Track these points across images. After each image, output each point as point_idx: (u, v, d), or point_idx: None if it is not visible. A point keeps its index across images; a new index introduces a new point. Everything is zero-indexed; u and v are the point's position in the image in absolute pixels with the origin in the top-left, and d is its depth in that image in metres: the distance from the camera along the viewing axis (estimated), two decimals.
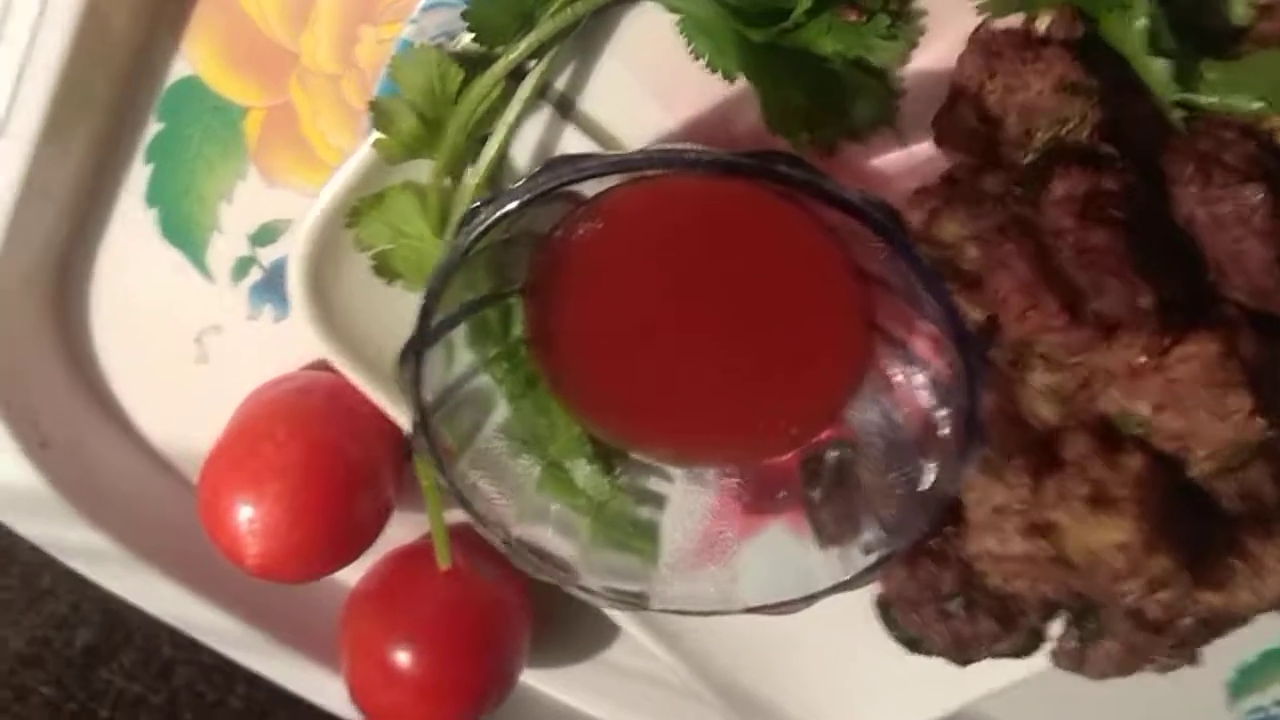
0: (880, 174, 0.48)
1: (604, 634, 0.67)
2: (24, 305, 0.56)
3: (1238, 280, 0.39)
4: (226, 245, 0.56)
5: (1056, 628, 0.52)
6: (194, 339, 0.59)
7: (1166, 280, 0.39)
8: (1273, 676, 0.66)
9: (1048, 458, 0.42)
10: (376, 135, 0.46)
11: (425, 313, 0.44)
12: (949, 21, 0.45)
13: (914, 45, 0.45)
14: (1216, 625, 0.47)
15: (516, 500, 0.51)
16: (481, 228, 0.42)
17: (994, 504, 0.44)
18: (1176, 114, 0.40)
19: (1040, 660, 0.58)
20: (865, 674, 0.62)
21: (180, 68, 0.52)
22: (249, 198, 0.55)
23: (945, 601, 0.48)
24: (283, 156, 0.53)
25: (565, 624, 0.67)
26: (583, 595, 0.51)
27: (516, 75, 0.46)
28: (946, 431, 0.45)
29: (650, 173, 0.43)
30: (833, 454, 0.52)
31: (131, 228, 0.56)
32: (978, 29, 0.44)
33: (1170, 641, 0.48)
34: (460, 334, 0.49)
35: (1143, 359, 0.39)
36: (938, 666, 0.60)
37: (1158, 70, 0.40)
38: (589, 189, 0.45)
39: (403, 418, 0.53)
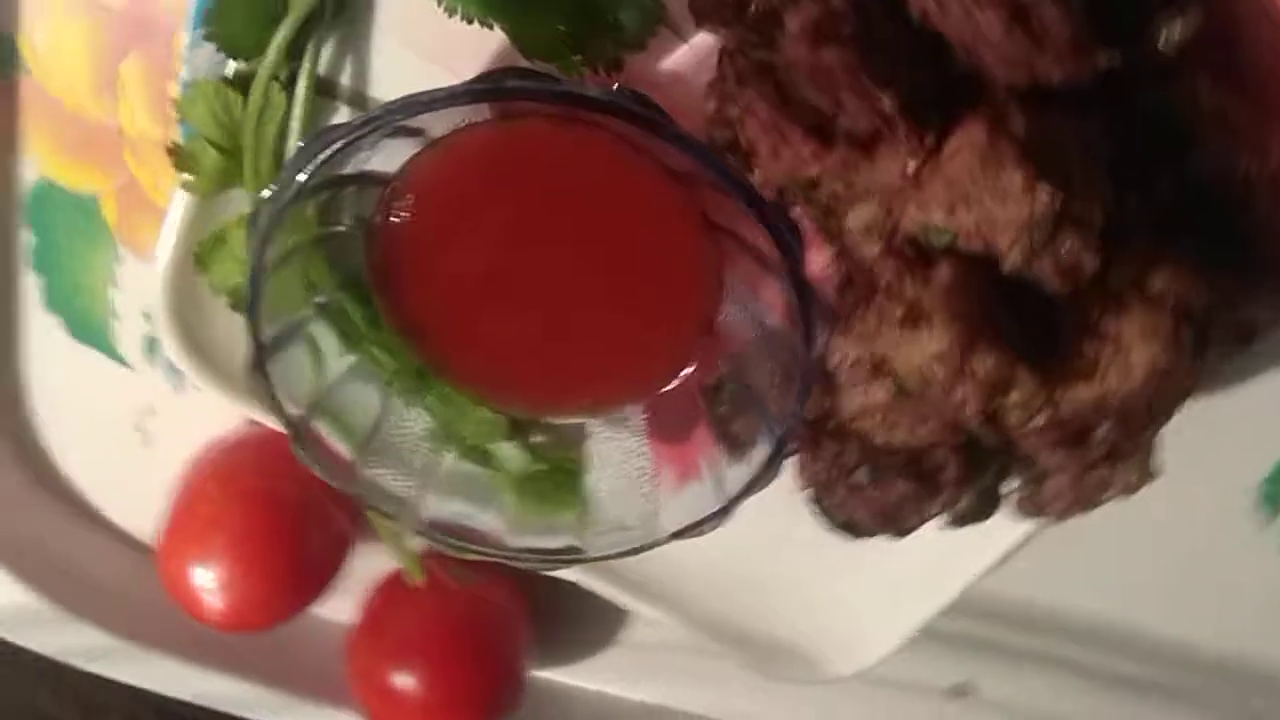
0: (674, 76, 0.48)
1: (612, 615, 0.67)
2: None
3: (988, 58, 0.38)
4: (129, 329, 0.58)
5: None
6: (133, 426, 0.61)
7: (913, 81, 0.38)
8: None
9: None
10: (183, 178, 0.48)
11: (252, 326, 0.45)
12: None
13: None
14: (1129, 424, 0.45)
15: (428, 486, 0.51)
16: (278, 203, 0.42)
17: (849, 361, 0.43)
18: None
19: (1029, 524, 0.56)
20: (858, 587, 0.61)
21: (30, 174, 0.55)
22: (131, 278, 0.57)
23: (852, 475, 0.47)
24: (144, 229, 0.55)
25: (573, 615, 0.67)
26: (514, 563, 0.51)
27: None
28: (790, 305, 0.45)
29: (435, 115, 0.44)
30: (725, 367, 0.51)
31: (43, 336, 0.59)
32: None
33: (1097, 456, 0.46)
34: (325, 336, 0.50)
35: (912, 164, 0.38)
36: (927, 558, 0.59)
37: None
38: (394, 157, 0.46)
39: None
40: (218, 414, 0.60)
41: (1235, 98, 0.43)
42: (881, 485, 0.47)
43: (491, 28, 0.46)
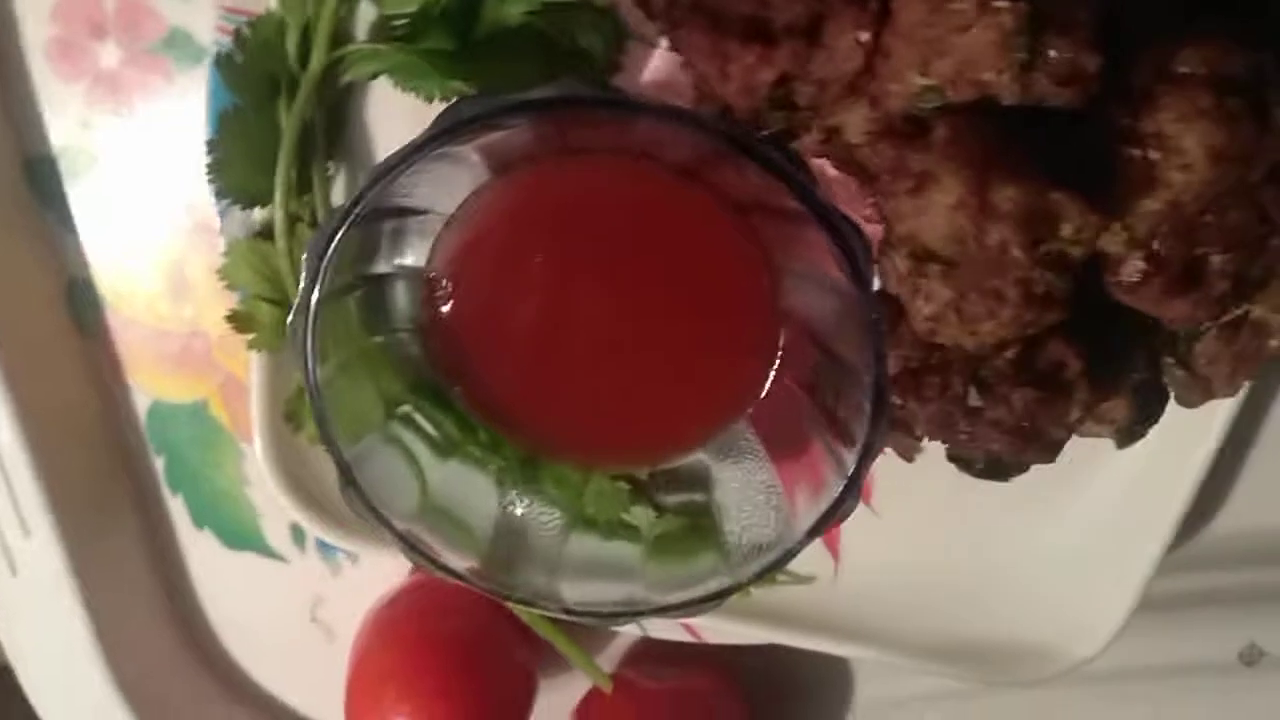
0: (660, 84, 0.48)
1: (834, 674, 0.62)
2: (161, 651, 0.61)
3: None
4: (275, 522, 0.60)
5: None
6: (310, 620, 0.62)
7: None
8: None
9: None
10: (247, 338, 0.50)
11: (329, 446, 0.45)
12: None
13: None
14: (1241, 240, 0.40)
15: (561, 570, 0.50)
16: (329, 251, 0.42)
17: (896, 272, 0.40)
18: None
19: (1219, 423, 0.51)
20: (1065, 558, 0.55)
21: (142, 401, 0.58)
22: (259, 471, 0.59)
23: (967, 402, 0.43)
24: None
25: (792, 684, 0.63)
26: (665, 616, 0.48)
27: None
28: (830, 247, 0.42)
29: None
30: (813, 351, 0.49)
31: (201, 554, 0.61)
32: None
33: (1225, 291, 0.41)
34: (417, 445, 0.50)
35: (864, 34, 0.36)
36: (1123, 500, 0.54)
37: None
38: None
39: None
40: (382, 584, 0.60)
41: None
42: (1001, 401, 0.43)
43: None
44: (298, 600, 0.62)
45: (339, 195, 0.50)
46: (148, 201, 0.54)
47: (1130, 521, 0.53)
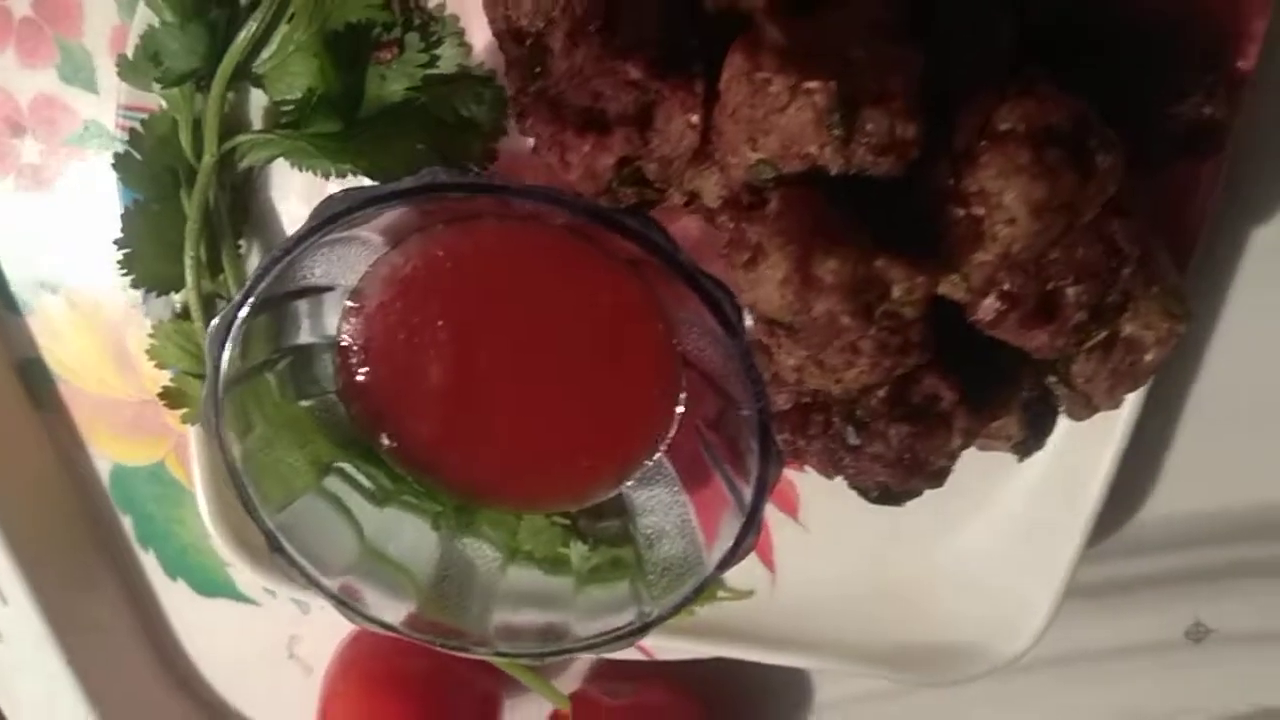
0: None
1: (792, 682, 0.64)
2: (149, 698, 0.64)
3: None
4: (242, 570, 0.63)
5: None
6: (288, 657, 0.65)
7: (667, 40, 0.38)
8: None
9: None
10: (180, 413, 0.52)
11: (252, 514, 0.48)
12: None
13: (461, 35, 0.48)
14: (1088, 268, 0.41)
15: (492, 605, 0.52)
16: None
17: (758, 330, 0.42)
18: None
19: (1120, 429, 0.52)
20: (987, 559, 0.56)
21: (103, 465, 0.61)
22: None
23: (847, 440, 0.45)
24: None
25: (754, 691, 0.65)
26: (590, 651, 0.51)
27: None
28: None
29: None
30: (714, 395, 0.50)
31: (177, 603, 0.64)
32: None
33: (1078, 320, 0.42)
34: (353, 500, 0.52)
35: (694, 116, 0.37)
36: (1040, 501, 0.55)
37: None
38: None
39: None
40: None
41: None
42: (878, 437, 0.44)
43: (358, 175, 0.49)
44: (275, 639, 0.65)
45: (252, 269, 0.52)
46: (84, 283, 0.57)
47: (1045, 522, 0.55)
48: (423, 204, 0.44)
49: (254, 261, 0.52)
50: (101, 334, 0.58)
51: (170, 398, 0.52)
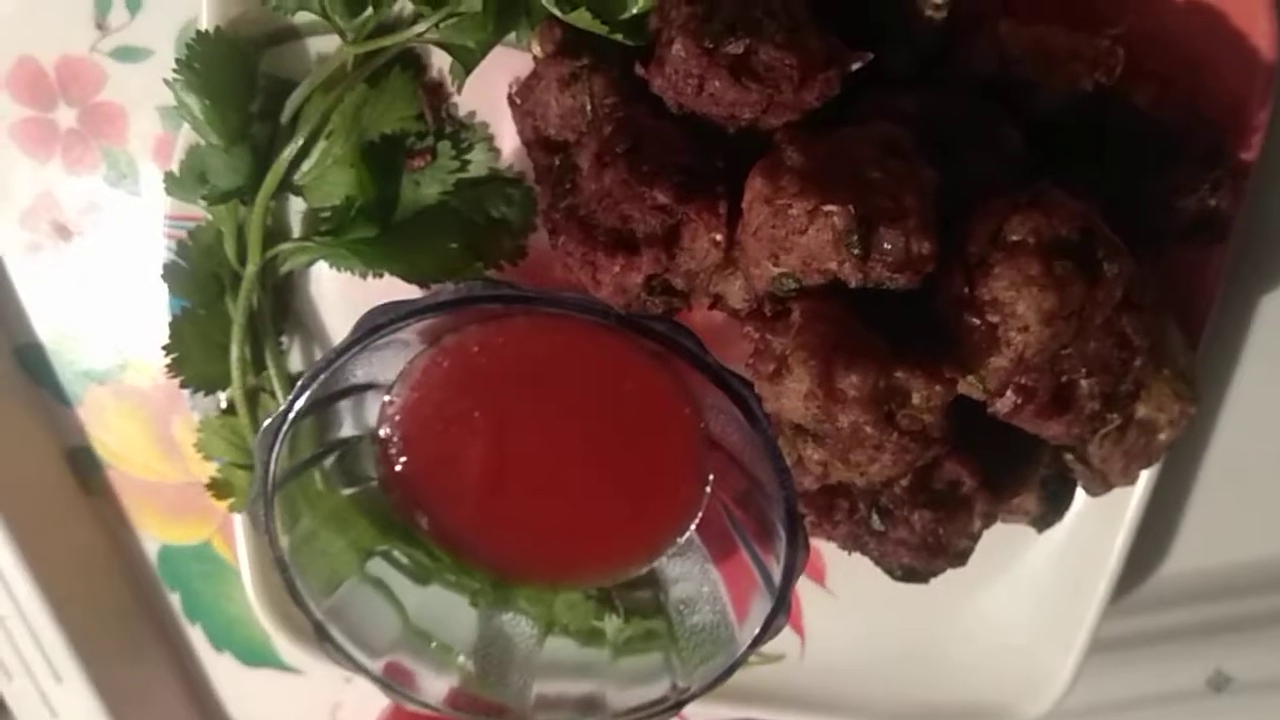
0: None
1: None
2: None
3: (743, 113, 0.39)
4: (285, 641, 0.65)
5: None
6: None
7: (689, 164, 0.40)
8: None
9: None
10: (228, 502, 0.54)
11: (300, 605, 0.50)
12: (498, 107, 0.48)
13: (490, 141, 0.49)
14: (1099, 362, 0.43)
15: (533, 677, 0.54)
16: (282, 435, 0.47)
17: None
18: (618, 36, 0.42)
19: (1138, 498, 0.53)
20: (1010, 621, 0.58)
21: (151, 546, 0.63)
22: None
23: (871, 525, 0.46)
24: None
25: None
26: None
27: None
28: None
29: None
30: (739, 475, 0.52)
31: (224, 673, 0.66)
32: (508, 90, 0.48)
33: (1098, 409, 0.44)
34: (395, 581, 0.54)
35: (718, 235, 0.39)
36: (1059, 565, 0.56)
37: (582, 18, 0.42)
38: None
39: None
40: None
41: (1043, 26, 0.42)
42: (902, 523, 0.46)
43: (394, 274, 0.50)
44: (318, 706, 0.67)
45: (296, 363, 0.54)
46: (130, 375, 0.59)
47: (1066, 585, 0.56)
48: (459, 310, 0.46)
49: (295, 356, 0.54)
50: (147, 422, 0.60)
51: (217, 488, 0.54)
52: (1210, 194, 0.45)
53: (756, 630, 0.50)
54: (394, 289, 0.51)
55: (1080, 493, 0.52)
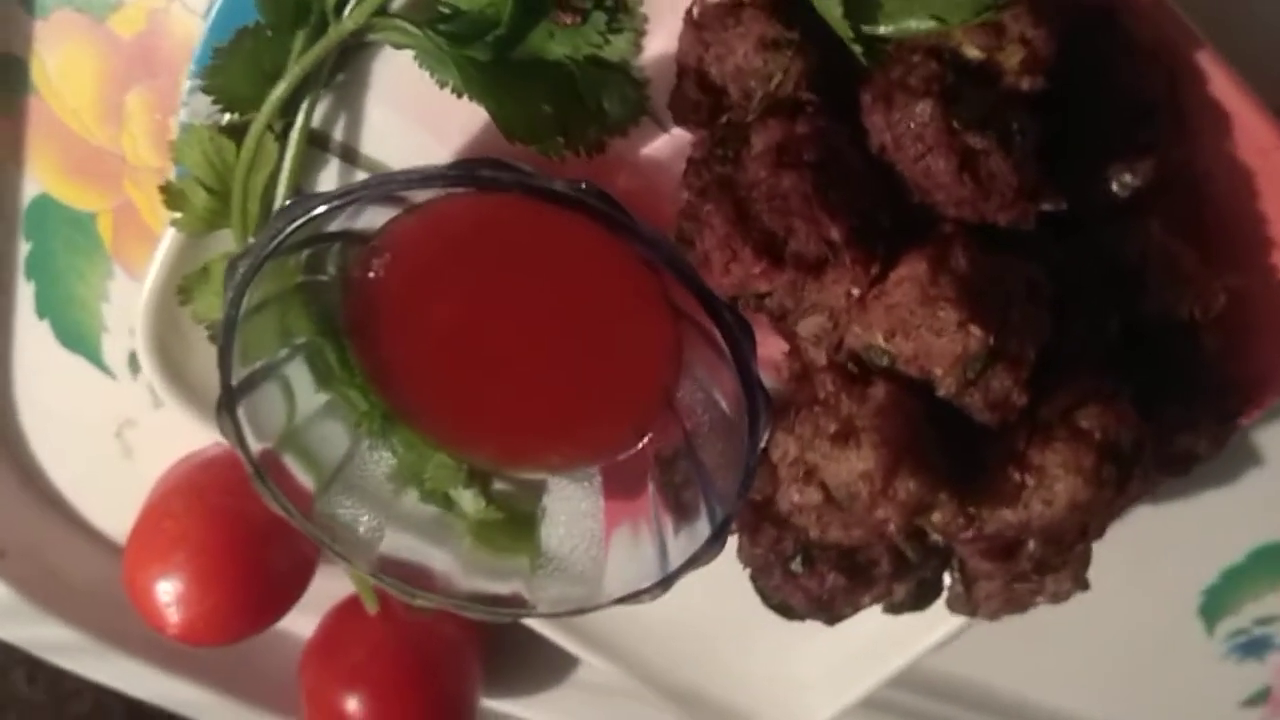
0: (653, 162, 0.50)
1: (564, 655, 0.68)
2: None
3: (938, 196, 0.39)
4: (116, 342, 0.60)
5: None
6: (114, 434, 0.63)
7: (865, 211, 0.39)
8: (1240, 594, 0.64)
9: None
10: (173, 215, 0.50)
11: (223, 370, 0.47)
12: (668, 5, 0.46)
13: (642, 34, 0.47)
14: (1058, 543, 0.46)
15: (385, 524, 0.53)
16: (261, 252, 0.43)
17: (789, 458, 0.44)
18: (857, 48, 0.41)
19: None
20: (803, 653, 0.62)
21: (31, 188, 0.57)
22: (121, 295, 0.59)
23: (789, 563, 0.48)
24: (138, 251, 0.57)
25: (525, 650, 0.69)
26: (461, 610, 0.53)
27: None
28: (739, 396, 0.46)
29: (410, 195, 0.46)
30: (680, 441, 0.53)
31: (32, 341, 0.61)
32: (690, 6, 0.45)
33: (1023, 569, 0.48)
34: (299, 376, 0.52)
35: (855, 290, 0.39)
36: (873, 633, 0.61)
37: (827, 6, 0.40)
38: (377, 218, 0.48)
39: None
40: (195, 432, 0.61)
41: (1183, 243, 0.44)
42: (816, 575, 0.49)
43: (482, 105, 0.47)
44: (110, 414, 0.63)
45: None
46: (113, 18, 0.52)
47: (862, 653, 0.61)
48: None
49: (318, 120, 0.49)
50: (103, 74, 0.53)
51: (170, 196, 0.49)
52: (1198, 441, 0.49)
53: (627, 591, 0.51)
54: (446, 126, 0.49)
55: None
